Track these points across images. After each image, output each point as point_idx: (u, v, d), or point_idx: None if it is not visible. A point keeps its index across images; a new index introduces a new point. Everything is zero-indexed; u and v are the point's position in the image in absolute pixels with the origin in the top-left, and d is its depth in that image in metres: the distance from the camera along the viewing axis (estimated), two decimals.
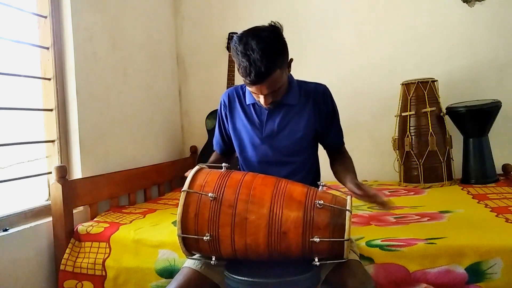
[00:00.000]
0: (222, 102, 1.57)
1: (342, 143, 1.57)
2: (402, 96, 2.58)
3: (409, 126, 2.48)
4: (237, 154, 1.57)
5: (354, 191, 1.28)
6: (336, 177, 1.49)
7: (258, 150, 1.48)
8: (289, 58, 1.38)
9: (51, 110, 2.04)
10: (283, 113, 1.45)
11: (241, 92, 1.53)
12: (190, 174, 1.28)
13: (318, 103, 1.47)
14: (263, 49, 1.24)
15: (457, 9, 2.70)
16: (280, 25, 1.33)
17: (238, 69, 1.30)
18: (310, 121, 1.46)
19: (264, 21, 1.35)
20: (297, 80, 1.50)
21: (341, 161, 1.52)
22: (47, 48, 2.04)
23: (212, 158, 1.66)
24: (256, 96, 1.39)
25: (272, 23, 1.33)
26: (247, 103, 1.49)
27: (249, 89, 1.37)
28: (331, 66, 2.93)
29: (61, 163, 2.03)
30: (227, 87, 2.85)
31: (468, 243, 1.40)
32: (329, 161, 1.58)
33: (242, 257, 1.21)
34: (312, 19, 2.98)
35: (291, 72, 1.50)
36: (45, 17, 2.03)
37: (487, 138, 2.45)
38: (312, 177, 1.52)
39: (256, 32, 1.29)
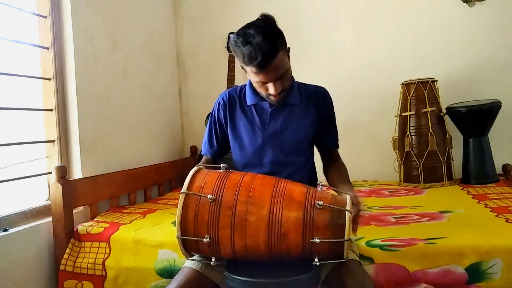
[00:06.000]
0: (222, 102, 1.52)
1: (337, 146, 1.57)
2: (402, 96, 2.58)
3: (409, 126, 2.48)
4: (236, 156, 1.53)
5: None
6: (329, 181, 1.48)
7: (259, 151, 1.46)
8: (287, 46, 1.36)
9: (51, 110, 2.04)
10: (286, 113, 1.45)
11: (240, 94, 1.51)
12: (188, 175, 1.27)
13: (319, 104, 1.48)
14: (264, 32, 1.25)
15: (457, 9, 2.70)
16: (272, 16, 1.34)
17: (242, 62, 1.29)
18: (312, 121, 1.47)
19: None
20: (297, 82, 1.50)
21: (336, 167, 1.51)
22: (47, 48, 2.04)
23: (202, 163, 1.57)
24: (264, 88, 1.35)
25: (263, 14, 1.33)
26: (248, 104, 1.47)
27: (255, 80, 1.33)
28: (331, 66, 2.93)
29: (61, 163, 2.03)
30: (227, 87, 2.85)
31: (468, 243, 1.40)
32: (323, 165, 1.57)
33: (242, 258, 1.21)
34: (312, 19, 2.98)
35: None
36: (45, 17, 2.03)
37: (487, 138, 2.45)
38: (309, 179, 1.51)
39: (251, 24, 1.30)
